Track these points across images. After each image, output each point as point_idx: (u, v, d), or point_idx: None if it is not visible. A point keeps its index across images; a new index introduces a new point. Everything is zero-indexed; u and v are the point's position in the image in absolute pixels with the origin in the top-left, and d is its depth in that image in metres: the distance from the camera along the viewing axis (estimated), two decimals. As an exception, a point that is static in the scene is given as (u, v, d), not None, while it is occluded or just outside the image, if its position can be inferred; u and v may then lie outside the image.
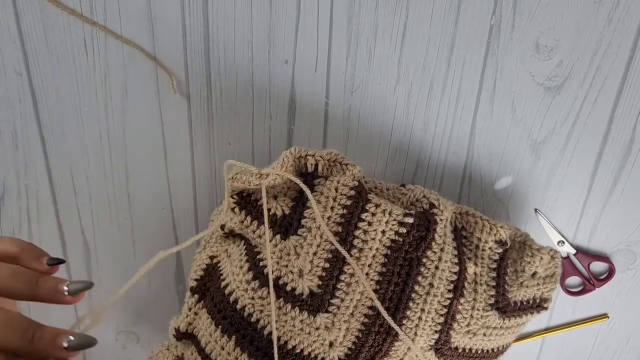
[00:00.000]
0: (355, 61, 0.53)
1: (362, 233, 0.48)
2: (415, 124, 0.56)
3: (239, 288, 0.49)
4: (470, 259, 0.52)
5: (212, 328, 0.51)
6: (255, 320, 0.49)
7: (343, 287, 0.47)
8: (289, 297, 0.48)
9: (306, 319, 0.47)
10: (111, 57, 0.53)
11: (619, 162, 0.57)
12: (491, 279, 0.52)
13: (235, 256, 0.51)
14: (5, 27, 0.52)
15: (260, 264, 0.49)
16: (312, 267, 0.47)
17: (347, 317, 0.48)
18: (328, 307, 0.47)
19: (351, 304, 0.48)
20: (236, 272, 0.50)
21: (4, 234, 0.61)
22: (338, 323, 0.47)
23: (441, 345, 0.50)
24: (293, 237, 0.48)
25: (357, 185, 0.48)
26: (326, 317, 0.47)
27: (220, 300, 0.51)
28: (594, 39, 0.52)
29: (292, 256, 0.48)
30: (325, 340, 0.48)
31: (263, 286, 0.48)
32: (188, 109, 0.55)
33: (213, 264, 0.54)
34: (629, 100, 0.54)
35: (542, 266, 0.54)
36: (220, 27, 0.52)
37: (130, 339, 0.68)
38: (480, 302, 0.51)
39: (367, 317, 0.48)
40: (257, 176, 0.46)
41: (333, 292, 0.47)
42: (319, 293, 0.47)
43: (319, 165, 0.49)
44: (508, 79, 0.53)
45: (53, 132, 0.56)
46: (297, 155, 0.49)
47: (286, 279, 0.48)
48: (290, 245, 0.48)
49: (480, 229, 0.52)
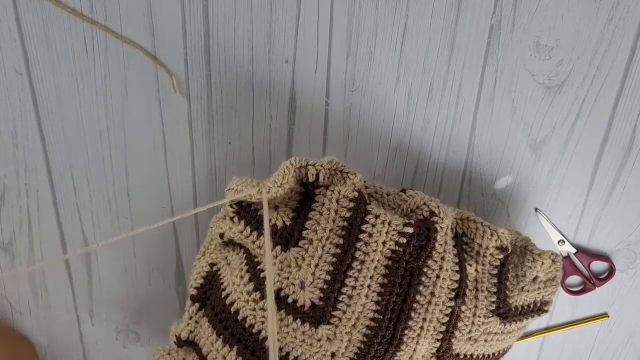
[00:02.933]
0: (355, 61, 0.53)
1: (364, 245, 0.47)
2: (416, 123, 0.56)
3: (240, 299, 0.49)
4: (472, 265, 0.52)
5: (214, 337, 0.50)
6: (256, 331, 0.48)
7: (345, 299, 0.47)
8: (290, 309, 0.47)
9: (308, 331, 0.47)
10: (111, 57, 0.53)
11: (619, 162, 0.57)
12: (492, 284, 0.52)
13: (236, 265, 0.51)
14: (5, 27, 0.52)
15: (261, 275, 0.48)
16: (314, 279, 0.47)
17: (349, 328, 0.47)
18: (330, 319, 0.47)
19: (353, 315, 0.47)
20: (237, 283, 0.50)
21: (4, 233, 0.61)
22: (340, 334, 0.47)
23: (443, 353, 0.50)
24: (294, 248, 0.47)
25: (356, 197, 0.48)
26: (328, 329, 0.47)
27: (222, 311, 0.50)
28: (595, 39, 0.52)
29: (294, 268, 0.47)
30: (327, 351, 0.48)
31: (264, 298, 0.48)
32: (188, 108, 0.55)
33: (213, 271, 0.53)
34: (629, 99, 0.54)
35: (543, 271, 0.54)
36: (221, 26, 0.52)
37: (130, 338, 0.68)
38: (481, 309, 0.51)
39: (369, 329, 0.48)
40: (258, 191, 0.46)
41: (335, 304, 0.47)
42: (321, 305, 0.47)
43: (320, 175, 0.48)
44: (508, 78, 0.53)
45: (53, 131, 0.56)
46: (298, 165, 0.48)
47: (287, 291, 0.47)
48: (291, 257, 0.47)
49: (481, 235, 0.52)
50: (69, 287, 0.64)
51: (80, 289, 0.64)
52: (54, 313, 0.66)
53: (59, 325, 0.67)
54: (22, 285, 0.65)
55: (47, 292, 0.65)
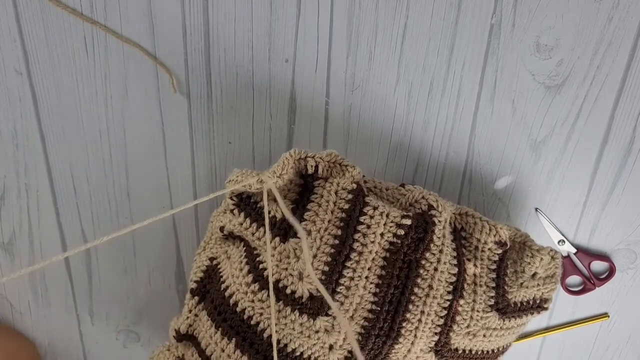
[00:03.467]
0: (355, 60, 0.53)
1: (362, 236, 0.48)
2: (416, 123, 0.56)
3: (239, 291, 0.49)
4: (470, 260, 0.52)
5: (212, 330, 0.50)
6: (255, 323, 0.48)
7: (343, 290, 0.47)
8: (288, 300, 0.47)
9: (306, 322, 0.47)
10: (111, 57, 0.53)
11: (619, 162, 0.57)
12: (491, 279, 0.52)
13: (235, 258, 0.51)
14: (5, 27, 0.52)
15: (260, 267, 0.49)
16: (312, 269, 0.47)
17: (347, 320, 0.48)
18: (328, 310, 0.47)
19: (351, 307, 0.47)
20: (236, 275, 0.50)
21: (4, 233, 0.61)
22: (338, 326, 0.47)
23: (441, 347, 0.50)
24: (293, 239, 0.48)
25: (355, 189, 0.48)
26: (326, 321, 0.47)
27: (221, 303, 0.50)
28: (595, 38, 0.52)
29: (292, 259, 0.47)
30: (325, 343, 0.48)
31: (263, 289, 0.48)
32: (188, 108, 0.55)
33: (213, 265, 0.53)
34: (629, 99, 0.54)
35: (542, 267, 0.54)
36: (221, 26, 0.52)
37: (130, 338, 0.68)
38: (480, 304, 0.51)
39: (366, 320, 0.48)
40: (257, 180, 0.46)
41: (332, 295, 0.47)
42: (319, 296, 0.47)
43: (319, 167, 0.49)
44: (508, 78, 0.53)
45: (53, 131, 0.56)
46: (297, 157, 0.48)
47: (286, 282, 0.47)
48: (290, 248, 0.48)
49: (479, 229, 0.52)
50: (69, 287, 0.64)
51: (80, 289, 0.64)
52: (54, 313, 0.66)
53: (59, 325, 0.67)
54: (22, 285, 0.65)
55: (47, 292, 0.65)
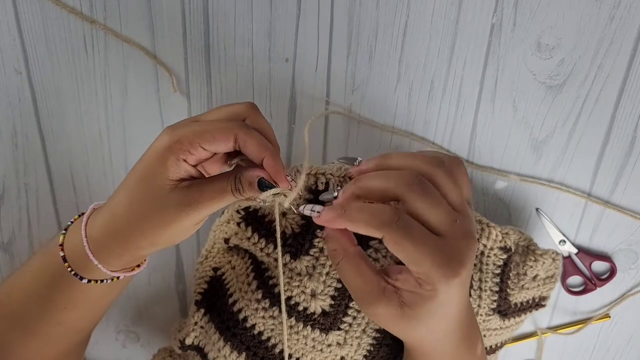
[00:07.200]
0: (356, 60, 0.53)
1: (374, 252, 0.48)
2: (416, 122, 0.56)
3: (249, 307, 0.49)
4: (475, 265, 0.52)
5: (221, 344, 0.50)
6: (266, 338, 0.48)
7: (355, 305, 0.47)
8: (300, 316, 0.47)
9: (318, 337, 0.47)
10: (111, 56, 0.53)
11: (620, 161, 0.57)
12: (494, 284, 0.52)
13: (242, 271, 0.50)
14: (5, 26, 0.52)
15: (270, 283, 0.48)
16: (325, 287, 0.47)
17: (359, 333, 0.48)
18: (340, 325, 0.47)
19: (363, 320, 0.48)
20: (244, 290, 0.49)
21: (4, 233, 0.61)
22: (350, 339, 0.47)
23: None
24: (305, 257, 0.47)
25: None
26: (338, 335, 0.47)
27: (229, 318, 0.50)
28: (596, 38, 0.51)
29: (304, 277, 0.47)
30: (336, 356, 0.48)
31: (273, 305, 0.48)
32: (188, 107, 0.55)
33: (217, 276, 0.53)
34: (630, 99, 0.54)
35: (543, 269, 0.54)
36: (221, 25, 0.52)
37: (130, 338, 0.68)
38: (483, 308, 0.51)
39: (378, 332, 0.48)
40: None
41: (345, 311, 0.47)
42: (332, 312, 0.47)
43: (330, 184, 0.47)
44: (509, 77, 0.53)
45: (53, 131, 0.56)
46: (307, 172, 0.47)
47: (298, 299, 0.47)
48: (302, 266, 0.47)
49: (486, 236, 0.51)
50: (69, 287, 0.64)
51: (80, 289, 0.64)
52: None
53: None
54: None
55: (47, 292, 0.65)
